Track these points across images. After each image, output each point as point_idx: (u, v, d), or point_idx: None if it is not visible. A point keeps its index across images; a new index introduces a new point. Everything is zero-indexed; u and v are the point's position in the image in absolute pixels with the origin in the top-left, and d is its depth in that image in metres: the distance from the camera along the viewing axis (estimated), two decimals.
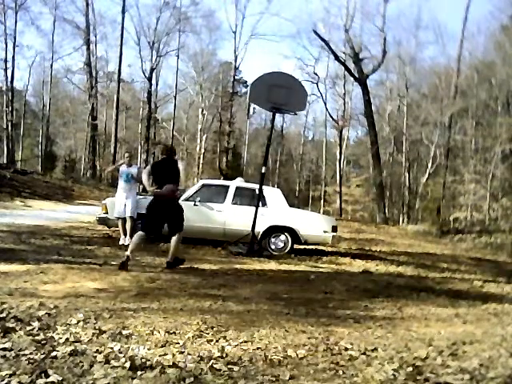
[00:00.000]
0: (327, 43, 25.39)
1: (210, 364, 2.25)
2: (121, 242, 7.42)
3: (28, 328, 2.62)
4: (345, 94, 35.23)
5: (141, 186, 9.77)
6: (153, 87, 36.45)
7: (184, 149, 41.47)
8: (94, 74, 32.38)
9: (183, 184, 5.91)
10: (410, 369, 2.30)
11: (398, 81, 34.17)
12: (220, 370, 2.19)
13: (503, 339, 2.99)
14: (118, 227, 8.00)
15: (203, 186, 8.55)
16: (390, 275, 6.47)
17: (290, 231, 8.06)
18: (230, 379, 2.09)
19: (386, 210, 24.83)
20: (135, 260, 6.02)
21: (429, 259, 9.26)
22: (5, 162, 27.43)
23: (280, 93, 7.57)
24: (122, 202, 7.51)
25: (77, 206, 17.00)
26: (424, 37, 54.80)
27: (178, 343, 2.56)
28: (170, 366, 2.18)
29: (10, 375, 1.96)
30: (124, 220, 7.53)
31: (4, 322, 2.68)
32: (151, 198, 5.82)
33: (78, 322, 2.84)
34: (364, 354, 2.57)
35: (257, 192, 8.10)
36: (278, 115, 8.03)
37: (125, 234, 7.48)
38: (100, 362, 2.18)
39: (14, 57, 28.07)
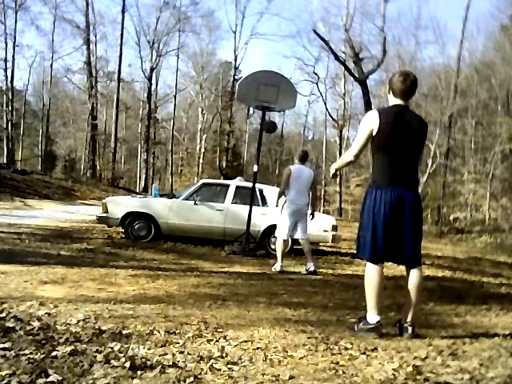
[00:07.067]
0: (327, 43, 25.36)
1: (210, 364, 2.24)
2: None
3: (28, 328, 2.61)
4: (345, 93, 35.26)
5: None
6: (153, 87, 36.55)
7: (184, 148, 41.50)
8: (93, 73, 32.42)
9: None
10: (410, 369, 2.30)
11: None
12: (220, 369, 2.19)
13: (503, 339, 2.99)
14: (117, 227, 7.98)
15: (203, 185, 8.55)
16: (390, 275, 6.46)
17: None
18: (230, 379, 2.09)
19: None
20: (136, 260, 6.03)
21: (428, 259, 9.25)
22: (5, 161, 27.44)
23: (268, 91, 7.57)
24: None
25: (77, 206, 17.02)
26: (424, 36, 54.87)
27: (178, 343, 2.56)
28: (169, 366, 2.18)
29: (10, 375, 1.96)
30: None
31: (4, 322, 2.68)
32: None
33: (78, 321, 2.83)
34: (364, 353, 2.57)
35: (257, 192, 8.10)
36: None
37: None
38: (100, 361, 2.18)
39: (13, 56, 28.16)
